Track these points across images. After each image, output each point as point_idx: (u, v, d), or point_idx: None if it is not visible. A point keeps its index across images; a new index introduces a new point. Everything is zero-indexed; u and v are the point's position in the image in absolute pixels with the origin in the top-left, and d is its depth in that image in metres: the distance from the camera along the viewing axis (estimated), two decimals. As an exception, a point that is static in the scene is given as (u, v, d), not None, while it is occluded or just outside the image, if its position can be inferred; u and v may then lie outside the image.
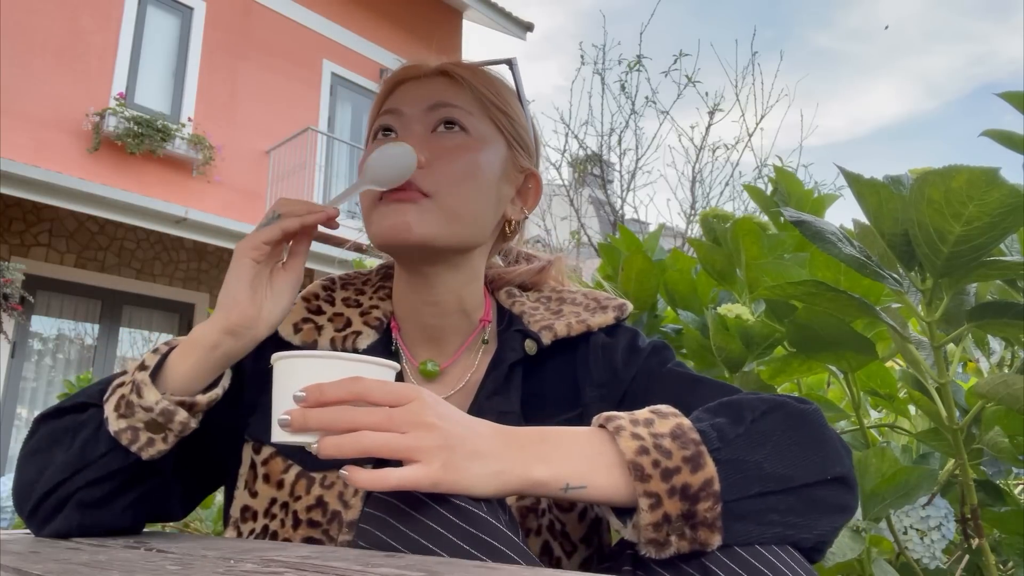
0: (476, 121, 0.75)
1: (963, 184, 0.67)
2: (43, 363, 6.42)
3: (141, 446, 0.64)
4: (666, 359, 0.76)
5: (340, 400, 0.52)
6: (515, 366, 0.75)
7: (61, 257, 6.38)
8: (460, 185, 0.72)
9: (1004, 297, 0.91)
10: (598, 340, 0.77)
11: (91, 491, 0.66)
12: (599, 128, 6.27)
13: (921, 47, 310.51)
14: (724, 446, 0.53)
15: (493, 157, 0.76)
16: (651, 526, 0.51)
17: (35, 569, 0.46)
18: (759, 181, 5.62)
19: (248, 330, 0.65)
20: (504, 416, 0.71)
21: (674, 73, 5.95)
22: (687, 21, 56.37)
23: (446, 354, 0.78)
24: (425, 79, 0.77)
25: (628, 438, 0.52)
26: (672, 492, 0.50)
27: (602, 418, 0.56)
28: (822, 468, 0.56)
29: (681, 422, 0.54)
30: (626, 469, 0.51)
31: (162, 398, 0.63)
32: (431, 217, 0.70)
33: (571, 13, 40.45)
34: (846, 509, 0.58)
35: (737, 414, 0.57)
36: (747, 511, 0.52)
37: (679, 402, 0.68)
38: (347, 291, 0.81)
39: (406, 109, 0.75)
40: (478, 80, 0.77)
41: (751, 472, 0.53)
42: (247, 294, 0.65)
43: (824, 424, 0.60)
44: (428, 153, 0.72)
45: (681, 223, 6.03)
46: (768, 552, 0.52)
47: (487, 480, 0.51)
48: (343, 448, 0.50)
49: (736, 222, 1.08)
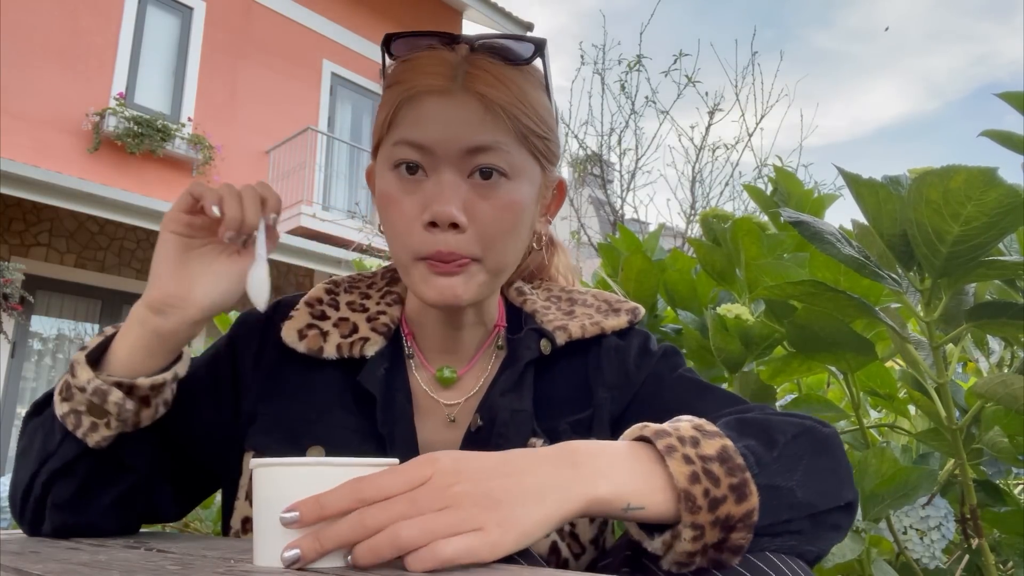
0: (514, 158, 0.67)
1: (961, 184, 0.67)
2: (43, 363, 6.42)
3: (85, 431, 0.63)
4: (676, 364, 0.76)
5: (345, 511, 0.45)
6: (529, 365, 0.73)
7: (61, 257, 6.38)
8: (505, 244, 0.67)
9: (1003, 297, 0.91)
10: (611, 343, 0.76)
11: (60, 490, 0.66)
12: (599, 128, 6.27)
13: (922, 48, 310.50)
14: (761, 471, 0.52)
15: (532, 193, 0.70)
16: (686, 553, 0.50)
17: (35, 569, 0.46)
18: (759, 181, 5.62)
19: (173, 308, 0.63)
20: (517, 414, 0.70)
21: (674, 73, 5.95)
22: (687, 21, 56.37)
23: (462, 359, 0.76)
24: (454, 99, 0.65)
25: (680, 461, 0.49)
26: (715, 523, 0.49)
27: (649, 431, 0.52)
28: (838, 495, 0.57)
29: (726, 444, 0.52)
30: (675, 494, 0.49)
31: (94, 377, 0.61)
32: (478, 280, 0.67)
33: (571, 13, 40.48)
34: (846, 531, 0.59)
35: (768, 436, 0.55)
36: (771, 534, 0.52)
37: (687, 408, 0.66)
38: (352, 294, 0.79)
39: (438, 149, 0.65)
40: (514, 100, 0.66)
41: (784, 500, 0.52)
42: (167, 269, 0.62)
43: (842, 449, 0.60)
44: (468, 213, 0.65)
45: (681, 223, 6.03)
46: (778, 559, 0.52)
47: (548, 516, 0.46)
48: (381, 551, 0.43)
49: (736, 222, 1.08)
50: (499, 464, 0.48)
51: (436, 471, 0.46)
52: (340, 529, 0.44)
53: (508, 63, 0.68)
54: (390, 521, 0.44)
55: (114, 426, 0.63)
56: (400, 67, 0.69)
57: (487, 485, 0.46)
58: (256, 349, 0.76)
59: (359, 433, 0.71)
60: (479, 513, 0.45)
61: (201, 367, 0.76)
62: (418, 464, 0.47)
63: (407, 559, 0.43)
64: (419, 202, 0.66)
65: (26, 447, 0.69)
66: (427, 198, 0.65)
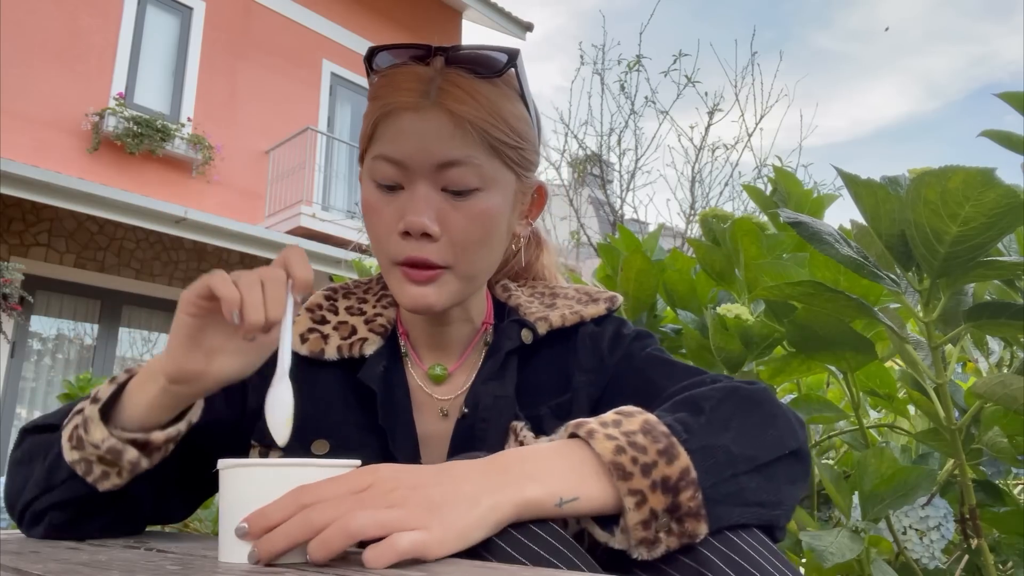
0: (486, 169, 0.70)
1: (959, 185, 0.67)
2: (43, 363, 6.42)
3: (96, 478, 0.63)
4: (646, 344, 0.79)
5: (288, 519, 0.47)
6: (511, 354, 0.76)
7: (60, 257, 6.38)
8: (476, 252, 0.71)
9: (1002, 297, 0.91)
10: (587, 330, 0.80)
11: (58, 514, 0.66)
12: (599, 128, 6.28)
13: (922, 48, 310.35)
14: (691, 436, 0.54)
15: (505, 201, 0.73)
16: (640, 524, 0.50)
17: (35, 569, 0.46)
18: (758, 181, 5.62)
19: (192, 383, 0.62)
20: (499, 400, 0.73)
21: (674, 73, 5.96)
22: (687, 21, 56.36)
23: (452, 357, 0.80)
24: (426, 115, 0.68)
25: (602, 439, 0.52)
26: (654, 486, 0.51)
27: (571, 426, 0.55)
28: (781, 444, 0.59)
29: (648, 418, 0.55)
30: (607, 473, 0.51)
31: (109, 435, 0.61)
32: (451, 288, 0.71)
33: (571, 13, 40.48)
34: (802, 480, 0.60)
35: (695, 406, 0.58)
36: (724, 494, 0.53)
37: (651, 383, 0.70)
38: (349, 300, 0.82)
39: (412, 164, 0.68)
40: (484, 114, 0.68)
41: (721, 456, 0.54)
42: (183, 348, 0.60)
43: (775, 401, 0.62)
44: (441, 222, 0.69)
45: (681, 223, 6.03)
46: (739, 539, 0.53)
47: (483, 518, 0.49)
48: (331, 543, 0.45)
49: (735, 222, 1.09)
50: (435, 474, 0.50)
51: (377, 478, 0.49)
52: (288, 529, 0.46)
53: (480, 76, 0.70)
54: (337, 517, 0.46)
55: (125, 476, 0.63)
56: (379, 82, 0.72)
57: (425, 491, 0.48)
58: None
59: (361, 427, 0.74)
60: (422, 513, 0.47)
61: None
62: (359, 473, 0.49)
63: (366, 555, 0.45)
64: (396, 211, 0.70)
65: (22, 461, 0.69)
66: (403, 208, 0.69)
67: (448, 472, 0.51)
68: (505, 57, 0.70)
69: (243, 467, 0.51)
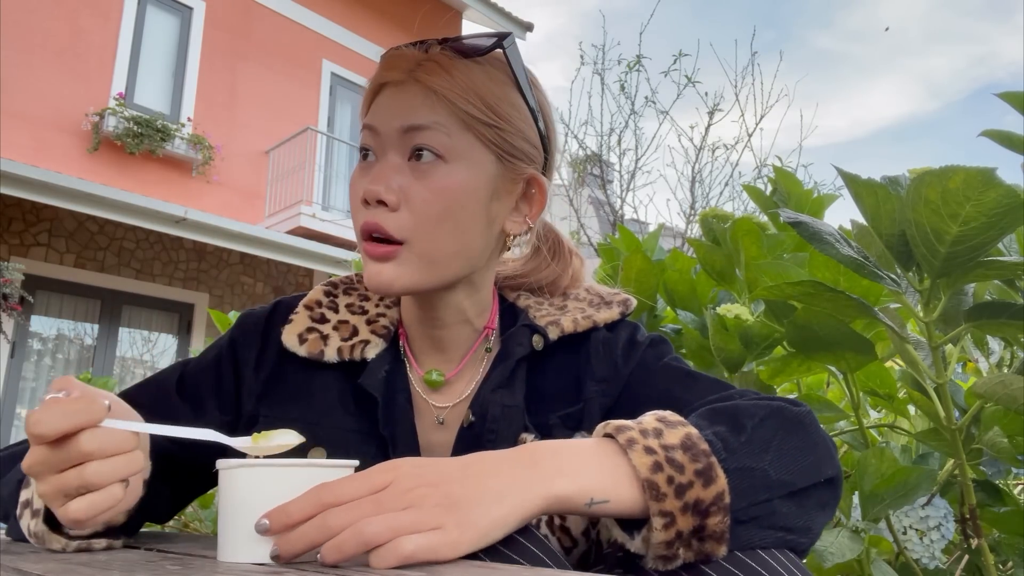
0: (455, 141, 0.67)
1: (960, 184, 0.67)
2: (43, 363, 6.42)
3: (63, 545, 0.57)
4: (663, 353, 0.76)
5: (309, 517, 0.47)
6: (521, 361, 0.73)
7: (60, 257, 6.38)
8: (436, 228, 0.67)
9: (1002, 297, 0.91)
10: (599, 336, 0.76)
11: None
12: (599, 128, 6.28)
13: (922, 48, 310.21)
14: (730, 455, 0.52)
15: (477, 181, 0.68)
16: (663, 544, 0.50)
17: (35, 569, 0.46)
18: (759, 181, 5.62)
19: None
20: (508, 409, 0.71)
21: (674, 73, 5.96)
22: (687, 21, 56.31)
23: (452, 361, 0.76)
24: (402, 86, 0.69)
25: (641, 452, 0.50)
26: (685, 508, 0.49)
27: (611, 427, 0.53)
28: (818, 471, 0.57)
29: (690, 432, 0.53)
30: (639, 484, 0.50)
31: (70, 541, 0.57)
32: (409, 268, 0.67)
33: (572, 13, 40.46)
34: (832, 507, 0.59)
35: (736, 421, 0.56)
36: (752, 516, 0.52)
37: (673, 396, 0.66)
38: (351, 296, 0.79)
39: (382, 128, 0.69)
40: (457, 88, 0.67)
41: (758, 480, 0.52)
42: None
43: (817, 426, 0.61)
44: (404, 195, 0.66)
45: (681, 223, 6.03)
46: (768, 555, 0.52)
47: (507, 516, 0.48)
48: (345, 548, 0.45)
49: (735, 222, 1.09)
50: (459, 468, 0.49)
51: (397, 476, 0.48)
52: (306, 531, 0.46)
53: (465, 57, 0.69)
54: (354, 521, 0.46)
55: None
56: (378, 65, 0.73)
57: (447, 488, 0.48)
58: (257, 351, 0.76)
59: (360, 435, 0.71)
60: (439, 513, 0.46)
61: (205, 369, 0.76)
62: (380, 470, 0.49)
63: (370, 556, 0.45)
64: (367, 182, 0.68)
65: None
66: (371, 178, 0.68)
67: (474, 467, 0.50)
68: (492, 40, 0.69)
69: (244, 467, 0.51)
